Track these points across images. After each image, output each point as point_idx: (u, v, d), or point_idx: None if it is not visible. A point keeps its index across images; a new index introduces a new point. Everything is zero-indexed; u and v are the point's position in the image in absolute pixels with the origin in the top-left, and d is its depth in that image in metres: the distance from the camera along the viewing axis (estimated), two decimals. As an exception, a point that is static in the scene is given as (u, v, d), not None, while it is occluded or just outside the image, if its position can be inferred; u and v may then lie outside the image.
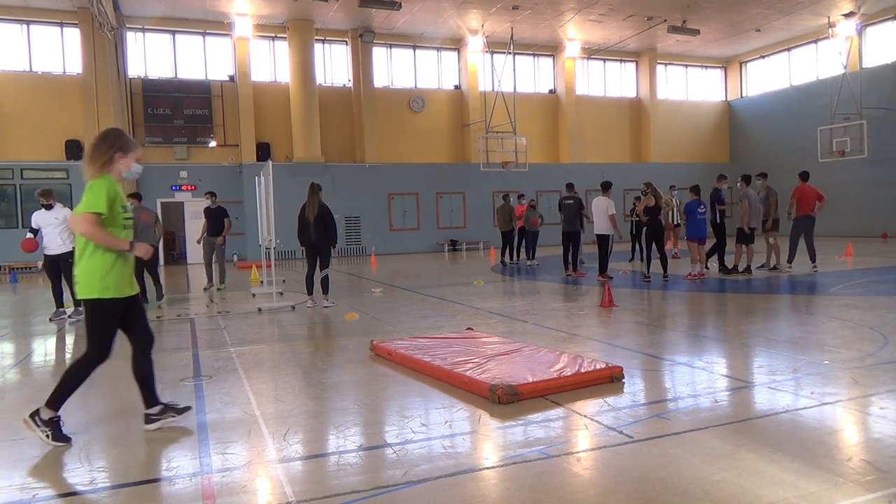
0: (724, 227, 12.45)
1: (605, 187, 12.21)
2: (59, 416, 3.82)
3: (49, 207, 8.93)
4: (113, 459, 3.62)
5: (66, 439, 3.80)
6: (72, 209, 9.19)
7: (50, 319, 9.07)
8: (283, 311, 9.33)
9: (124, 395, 5.02)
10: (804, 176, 12.62)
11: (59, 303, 9.22)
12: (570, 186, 14.01)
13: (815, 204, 12.31)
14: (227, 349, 6.62)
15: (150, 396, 4.07)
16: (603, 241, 12.07)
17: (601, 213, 11.99)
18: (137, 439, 3.91)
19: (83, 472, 3.37)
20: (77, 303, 9.17)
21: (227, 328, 8.01)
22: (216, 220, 12.65)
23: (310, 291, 9.71)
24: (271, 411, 4.35)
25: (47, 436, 3.74)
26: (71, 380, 3.87)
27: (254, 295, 11.40)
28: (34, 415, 3.78)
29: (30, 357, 6.67)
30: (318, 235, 9.40)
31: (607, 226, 11.95)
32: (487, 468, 3.30)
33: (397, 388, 4.94)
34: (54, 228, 8.89)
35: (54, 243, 8.93)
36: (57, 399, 3.81)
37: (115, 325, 3.94)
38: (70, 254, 9.01)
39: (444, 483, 3.08)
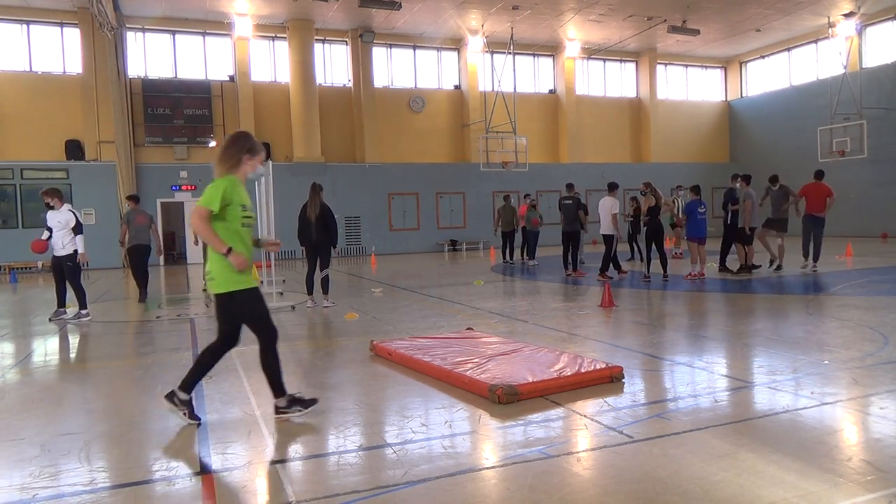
0: (736, 227, 12.32)
1: (612, 187, 12.20)
2: (302, 397, 4.25)
3: (50, 207, 8.92)
4: (113, 459, 3.62)
5: (311, 402, 4.24)
6: (73, 210, 9.22)
7: (49, 319, 9.08)
8: (283, 311, 9.32)
9: (124, 396, 5.03)
10: (817, 174, 12.33)
11: (62, 302, 9.22)
12: (569, 187, 14.03)
13: (825, 202, 12.02)
14: (227, 349, 6.61)
15: (275, 387, 4.19)
16: (608, 241, 12.09)
17: (606, 212, 12.01)
18: (137, 439, 3.91)
19: (83, 472, 3.37)
20: (83, 305, 9.17)
21: (227, 328, 7.99)
22: None
23: (310, 291, 9.70)
24: (271, 411, 4.34)
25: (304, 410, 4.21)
26: (271, 366, 4.16)
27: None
28: (279, 408, 4.16)
29: (30, 357, 6.66)
30: (318, 235, 9.39)
31: (612, 225, 11.97)
32: (487, 468, 3.30)
33: (397, 388, 4.94)
34: (59, 231, 8.88)
35: (57, 245, 8.92)
36: (278, 385, 4.16)
37: (263, 302, 4.15)
38: (69, 257, 8.97)
39: (444, 483, 3.08)
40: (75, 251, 9.01)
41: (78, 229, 8.99)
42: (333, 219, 9.50)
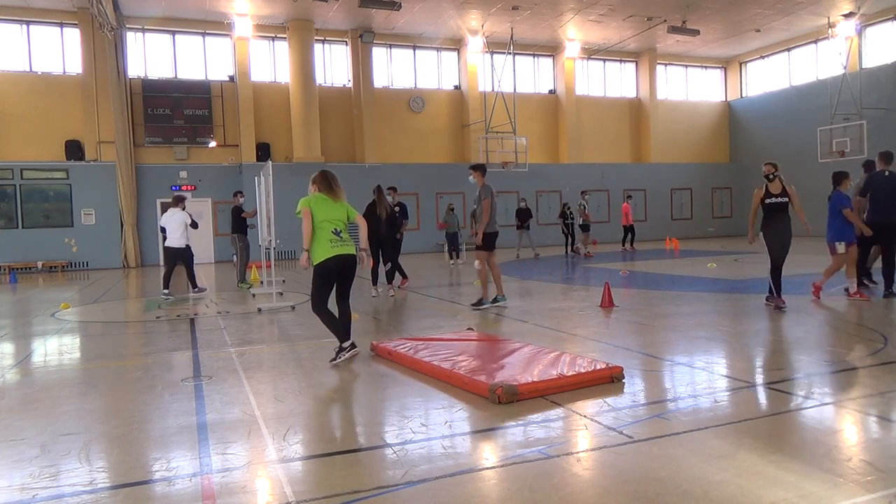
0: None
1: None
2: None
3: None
4: (113, 459, 3.62)
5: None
6: (72, 210, 9.31)
7: (164, 297, 11.05)
8: (283, 311, 9.33)
9: (124, 396, 5.02)
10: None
11: (167, 285, 11.25)
12: (393, 189, 12.24)
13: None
14: (227, 349, 6.62)
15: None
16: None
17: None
18: (137, 439, 3.91)
19: (83, 472, 3.37)
20: (194, 285, 11.51)
21: (227, 328, 8.01)
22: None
23: (375, 282, 10.97)
24: (271, 411, 4.35)
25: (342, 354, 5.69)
26: (329, 322, 5.83)
27: (254, 295, 11.40)
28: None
29: (30, 357, 6.66)
30: (387, 231, 10.87)
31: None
32: (487, 468, 3.30)
33: (397, 388, 4.93)
34: (178, 228, 11.25)
35: (174, 239, 11.32)
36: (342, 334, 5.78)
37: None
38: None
39: (444, 483, 3.08)
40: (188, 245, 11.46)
41: (193, 226, 11.46)
42: (405, 213, 12.11)
